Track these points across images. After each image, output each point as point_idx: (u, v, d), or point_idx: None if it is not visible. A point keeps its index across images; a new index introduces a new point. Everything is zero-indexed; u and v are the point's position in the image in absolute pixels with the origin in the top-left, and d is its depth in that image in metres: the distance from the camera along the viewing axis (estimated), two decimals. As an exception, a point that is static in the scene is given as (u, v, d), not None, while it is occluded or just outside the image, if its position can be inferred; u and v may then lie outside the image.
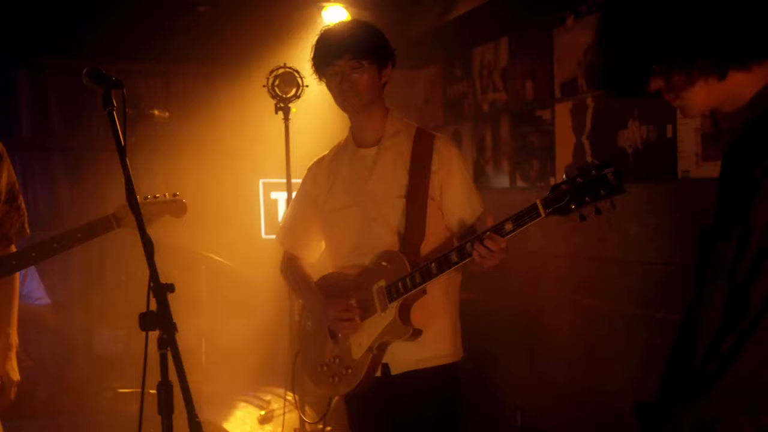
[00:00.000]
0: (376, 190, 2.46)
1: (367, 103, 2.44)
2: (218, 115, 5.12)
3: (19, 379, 2.49)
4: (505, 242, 2.14)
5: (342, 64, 2.38)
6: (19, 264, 2.37)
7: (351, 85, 2.39)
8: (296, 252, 2.72)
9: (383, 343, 2.39)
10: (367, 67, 2.39)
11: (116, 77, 1.95)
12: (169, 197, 2.61)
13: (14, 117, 4.83)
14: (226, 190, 5.03)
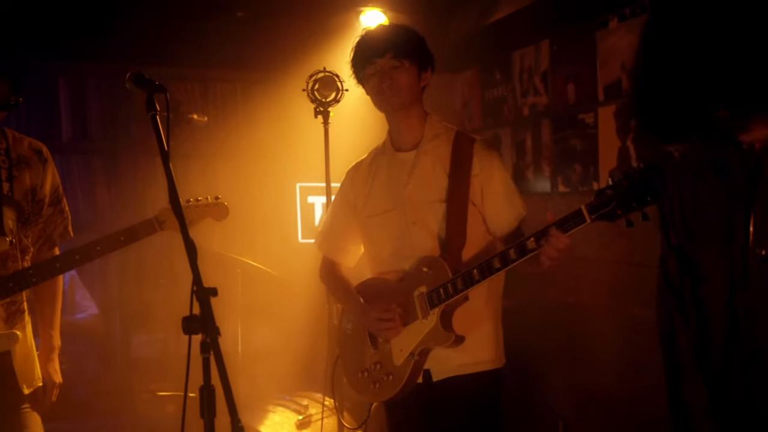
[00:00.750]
0: (415, 195, 2.43)
1: (406, 103, 2.42)
2: (255, 119, 5.13)
3: (61, 381, 2.51)
4: (567, 238, 2.06)
5: (383, 63, 2.37)
6: (63, 266, 2.38)
7: (391, 84, 2.37)
8: (335, 257, 2.70)
9: (425, 350, 2.36)
10: (408, 66, 2.38)
11: (159, 81, 1.94)
12: (211, 200, 2.61)
13: (55, 121, 4.90)
14: (262, 194, 5.04)
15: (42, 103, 4.86)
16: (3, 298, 2.29)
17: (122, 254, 4.75)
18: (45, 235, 2.49)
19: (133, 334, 4.86)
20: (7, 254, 2.33)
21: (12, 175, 2.35)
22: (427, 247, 2.39)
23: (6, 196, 2.32)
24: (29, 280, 2.32)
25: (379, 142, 2.64)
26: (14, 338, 2.32)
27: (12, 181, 2.34)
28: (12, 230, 2.32)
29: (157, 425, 4.09)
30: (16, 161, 2.38)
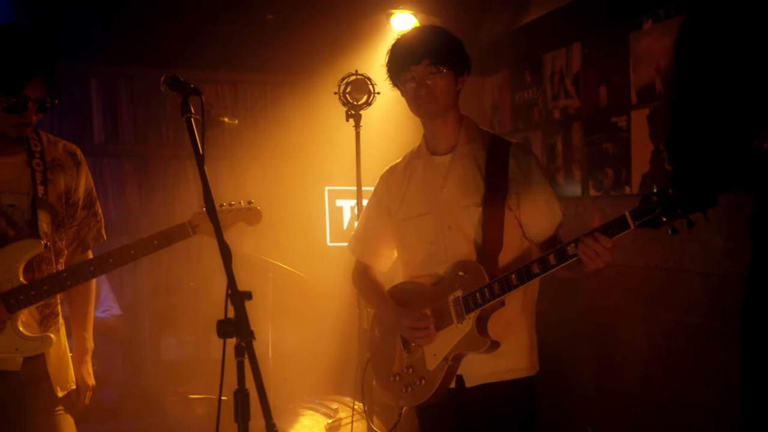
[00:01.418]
0: (450, 198, 2.41)
1: (443, 110, 2.40)
2: (284, 121, 5.15)
3: (94, 383, 2.52)
4: (612, 243, 2.04)
5: (419, 70, 2.34)
6: (97, 270, 2.39)
7: (428, 91, 2.35)
8: (368, 261, 2.69)
9: (459, 355, 2.33)
10: (445, 73, 2.35)
11: (194, 84, 1.94)
12: (245, 205, 2.60)
13: (87, 125, 4.94)
14: (291, 197, 5.05)
15: (74, 105, 4.91)
16: (37, 301, 2.30)
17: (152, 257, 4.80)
18: (78, 238, 2.51)
19: (163, 336, 4.88)
20: (41, 257, 2.34)
21: (47, 178, 2.37)
22: (462, 252, 2.36)
23: (41, 200, 2.33)
24: (63, 284, 2.33)
25: (410, 146, 2.62)
26: (48, 341, 2.33)
27: (47, 185, 2.36)
28: (47, 233, 2.34)
29: (186, 428, 4.10)
30: (50, 164, 2.40)
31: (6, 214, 2.29)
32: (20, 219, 2.30)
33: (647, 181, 3.71)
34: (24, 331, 2.29)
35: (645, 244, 3.63)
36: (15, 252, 2.28)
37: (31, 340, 2.30)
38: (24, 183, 2.33)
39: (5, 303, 2.24)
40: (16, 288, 2.26)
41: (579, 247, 2.08)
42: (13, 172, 2.33)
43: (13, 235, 2.28)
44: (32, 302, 2.28)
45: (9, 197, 2.30)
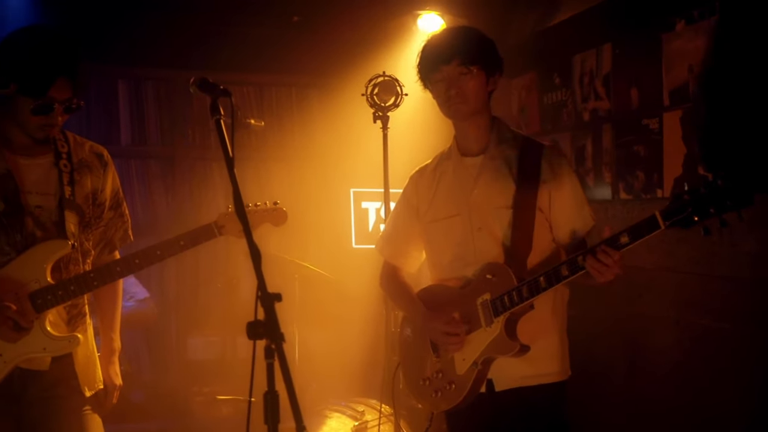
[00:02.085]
0: (480, 200, 2.38)
1: (474, 111, 2.37)
2: (310, 124, 5.15)
3: (121, 383, 2.53)
4: (619, 255, 2.04)
5: (450, 70, 2.32)
6: (123, 270, 2.39)
7: (458, 91, 2.32)
8: (396, 262, 2.67)
9: (488, 359, 2.31)
10: (476, 73, 2.32)
11: (224, 86, 1.93)
12: (270, 206, 2.60)
13: (114, 126, 4.99)
14: (316, 198, 5.05)
15: (102, 107, 4.96)
16: (65, 301, 2.30)
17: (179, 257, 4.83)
18: (105, 238, 2.52)
19: (189, 336, 4.90)
20: (69, 258, 2.35)
21: (73, 179, 2.38)
22: (491, 254, 2.34)
23: (68, 200, 2.34)
24: (90, 284, 2.34)
25: (438, 148, 2.60)
26: (75, 341, 2.34)
27: (73, 185, 2.37)
28: (74, 234, 2.34)
29: (212, 428, 4.11)
30: (77, 165, 2.40)
31: (33, 215, 2.30)
32: (47, 219, 2.31)
33: (680, 184, 3.65)
34: (52, 331, 2.30)
35: (675, 248, 3.57)
36: (42, 252, 2.29)
37: (59, 339, 2.31)
38: (51, 184, 2.34)
39: (33, 303, 2.26)
40: (44, 288, 2.27)
41: (587, 260, 2.06)
42: (41, 173, 2.34)
43: (41, 236, 2.29)
44: (59, 302, 2.29)
45: (36, 198, 2.31)
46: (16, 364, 2.26)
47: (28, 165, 2.33)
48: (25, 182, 2.31)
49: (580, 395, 2.91)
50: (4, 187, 2.27)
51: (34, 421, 2.30)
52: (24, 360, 2.26)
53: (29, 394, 2.29)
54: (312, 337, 4.11)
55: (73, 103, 2.28)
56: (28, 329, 2.24)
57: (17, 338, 2.23)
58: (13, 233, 2.27)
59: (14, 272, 2.26)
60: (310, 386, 3.92)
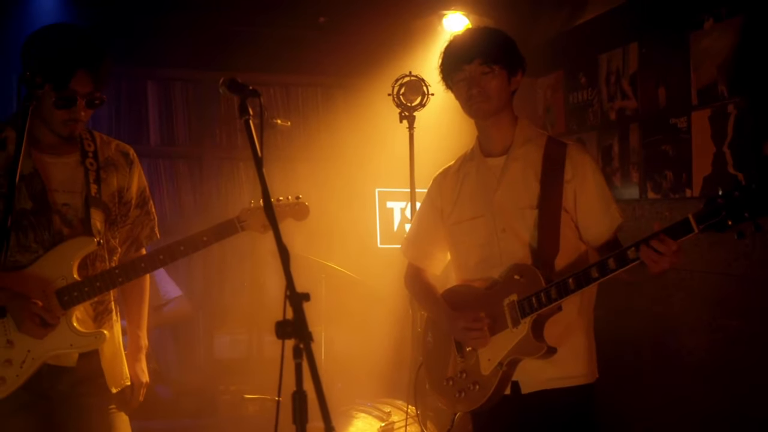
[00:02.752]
0: (504, 201, 2.37)
1: (496, 110, 2.37)
2: (335, 124, 5.17)
3: (148, 380, 2.55)
4: (677, 245, 1.99)
5: (471, 69, 2.32)
6: (148, 266, 2.41)
7: (480, 90, 2.32)
8: (420, 264, 2.66)
9: (514, 360, 2.29)
10: (498, 72, 2.32)
11: (253, 87, 1.94)
12: (292, 200, 2.59)
13: (143, 127, 5.03)
14: (341, 198, 5.06)
15: (131, 108, 5.01)
16: (91, 297, 2.33)
17: (206, 256, 4.92)
18: (132, 236, 2.54)
19: (216, 334, 4.94)
20: (95, 255, 2.37)
21: (100, 177, 2.40)
22: (517, 255, 2.33)
23: (94, 198, 2.36)
24: (116, 280, 2.36)
25: (464, 147, 2.59)
26: (102, 337, 2.35)
27: (100, 183, 2.39)
28: (100, 231, 2.36)
29: (239, 427, 4.14)
30: (104, 163, 2.43)
31: (61, 213, 2.33)
32: (74, 217, 2.34)
33: (709, 183, 3.61)
34: (78, 327, 2.32)
35: (708, 248, 3.53)
36: (69, 249, 2.31)
37: (85, 336, 2.33)
38: (78, 182, 2.36)
39: (59, 300, 2.28)
40: (70, 285, 2.29)
41: (642, 249, 2.02)
42: (67, 172, 2.37)
43: (68, 233, 2.32)
44: (86, 299, 2.31)
45: (63, 196, 2.34)
46: (44, 361, 2.28)
47: (55, 164, 2.36)
48: (52, 181, 2.34)
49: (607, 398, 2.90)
50: (32, 186, 2.30)
51: (62, 418, 2.33)
52: (52, 356, 2.29)
53: (57, 390, 2.32)
54: (338, 337, 4.13)
55: (95, 98, 2.30)
56: (55, 326, 2.26)
57: (44, 335, 2.25)
58: (41, 231, 2.30)
59: (41, 270, 2.29)
60: (335, 386, 3.93)
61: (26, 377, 2.26)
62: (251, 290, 4.66)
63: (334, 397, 3.89)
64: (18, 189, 2.23)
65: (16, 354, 2.25)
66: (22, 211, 2.28)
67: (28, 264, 2.29)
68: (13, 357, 2.25)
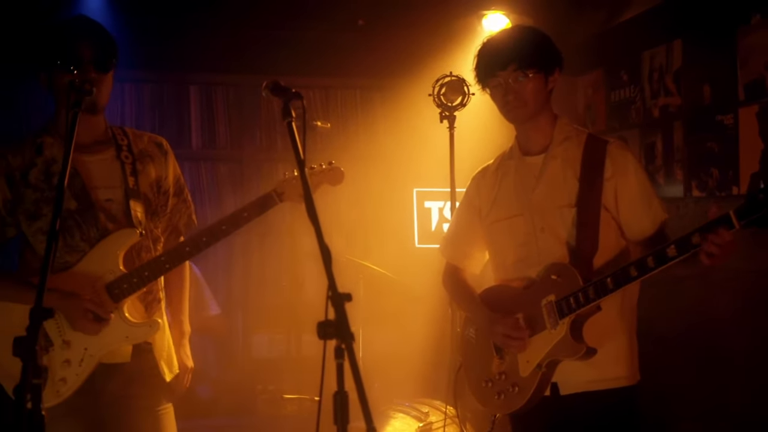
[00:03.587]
0: (543, 200, 2.34)
1: (533, 113, 2.33)
2: (373, 125, 5.19)
3: (193, 366, 2.56)
4: (730, 236, 1.93)
5: (506, 75, 2.28)
6: (192, 250, 2.39)
7: (516, 96, 2.29)
8: (459, 263, 2.64)
9: (553, 362, 2.26)
10: (533, 76, 2.28)
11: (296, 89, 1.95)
12: (326, 166, 2.57)
13: (185, 130, 5.11)
14: (379, 199, 5.07)
15: (174, 112, 5.10)
16: (140, 288, 2.34)
17: (245, 255, 4.97)
18: (171, 224, 2.56)
19: (255, 334, 4.99)
20: (140, 246, 2.40)
21: (136, 169, 2.42)
22: (555, 254, 2.29)
23: (132, 190, 2.39)
24: (162, 267, 2.37)
25: (503, 146, 2.57)
26: (156, 326, 2.37)
27: (137, 175, 2.42)
28: (141, 222, 2.39)
29: (277, 426, 4.17)
30: (138, 155, 2.46)
31: (105, 209, 2.36)
32: (118, 211, 2.37)
33: (757, 180, 3.55)
34: (131, 319, 2.34)
35: (755, 247, 3.45)
36: (113, 243, 2.34)
37: (139, 326, 2.35)
38: (116, 176, 2.39)
39: (110, 293, 2.31)
40: (119, 278, 2.32)
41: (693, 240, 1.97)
42: (105, 168, 2.40)
43: (113, 228, 2.35)
44: (135, 290, 2.33)
45: (105, 192, 2.37)
46: (101, 358, 2.30)
47: (92, 161, 2.39)
48: (92, 178, 2.37)
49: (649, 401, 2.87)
50: (73, 186, 2.33)
51: (111, 420, 2.36)
52: (107, 353, 2.31)
53: (108, 391, 2.34)
54: (375, 337, 4.12)
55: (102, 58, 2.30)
56: (108, 320, 2.28)
57: (98, 330, 2.27)
58: (87, 229, 2.33)
59: (88, 266, 2.32)
60: (373, 386, 3.94)
61: (86, 376, 2.29)
62: (290, 291, 4.69)
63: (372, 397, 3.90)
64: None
65: (73, 353, 2.28)
66: (67, 211, 2.31)
67: (76, 263, 2.32)
68: (71, 357, 2.28)
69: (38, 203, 2.34)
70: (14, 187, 2.34)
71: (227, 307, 4.91)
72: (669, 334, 3.85)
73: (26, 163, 2.36)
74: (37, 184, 2.34)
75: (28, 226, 2.35)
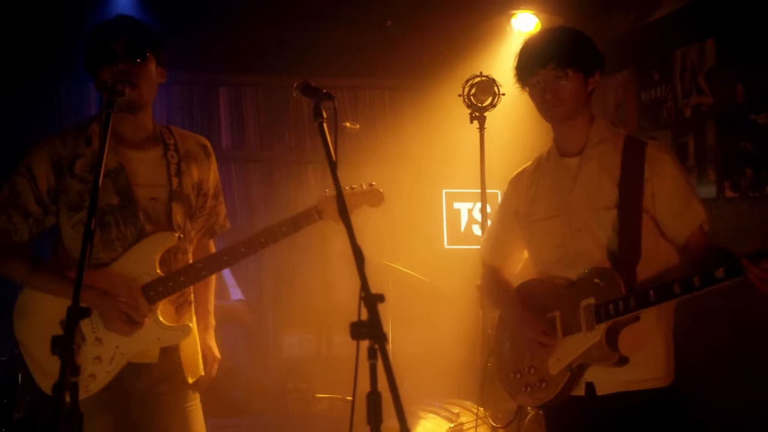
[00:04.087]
0: (579, 201, 2.33)
1: (571, 113, 2.33)
2: (402, 126, 5.19)
3: (219, 357, 2.57)
4: None
5: (545, 74, 2.28)
6: (230, 260, 2.41)
7: (554, 95, 2.28)
8: (498, 264, 2.63)
9: (583, 364, 2.25)
10: (572, 75, 2.27)
11: (327, 90, 1.96)
12: (366, 187, 2.57)
13: (214, 130, 5.16)
14: (408, 200, 5.08)
15: (203, 113, 5.15)
16: (175, 291, 2.36)
17: (275, 255, 5.00)
18: (207, 225, 2.57)
19: (286, 334, 5.01)
20: (177, 248, 2.41)
21: (180, 170, 2.43)
22: (593, 257, 2.28)
23: (175, 191, 2.40)
24: (199, 273, 2.38)
25: (533, 147, 2.58)
26: (187, 330, 2.40)
27: (181, 176, 2.42)
28: (180, 225, 2.40)
29: (309, 425, 4.19)
30: (184, 156, 2.46)
31: (145, 209, 2.36)
32: (159, 212, 2.38)
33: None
34: (164, 321, 2.36)
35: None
36: (151, 245, 2.35)
37: (172, 329, 2.37)
38: (161, 176, 2.40)
39: (145, 295, 2.32)
40: (155, 280, 2.33)
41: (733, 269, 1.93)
42: (152, 166, 2.41)
43: (150, 230, 2.36)
44: (170, 293, 2.35)
45: (149, 191, 2.38)
46: (130, 358, 2.32)
47: (140, 158, 2.39)
48: (137, 175, 2.37)
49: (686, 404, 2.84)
50: (117, 181, 2.34)
51: (140, 417, 2.37)
52: (136, 353, 2.33)
53: (137, 389, 2.36)
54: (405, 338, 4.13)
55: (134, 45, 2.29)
56: (142, 324, 2.30)
57: (132, 332, 2.29)
58: (124, 227, 2.34)
59: (125, 267, 2.33)
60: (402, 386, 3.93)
61: (115, 373, 2.31)
62: (320, 291, 4.72)
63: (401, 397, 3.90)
64: (104, 184, 2.24)
65: (105, 351, 2.30)
66: (108, 206, 2.32)
67: (110, 261, 2.33)
68: (102, 354, 2.30)
69: (82, 195, 2.33)
70: (61, 176, 2.34)
71: (258, 306, 4.94)
72: (707, 337, 3.80)
73: (75, 153, 2.36)
74: (82, 175, 2.34)
75: (68, 218, 2.35)
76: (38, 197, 2.35)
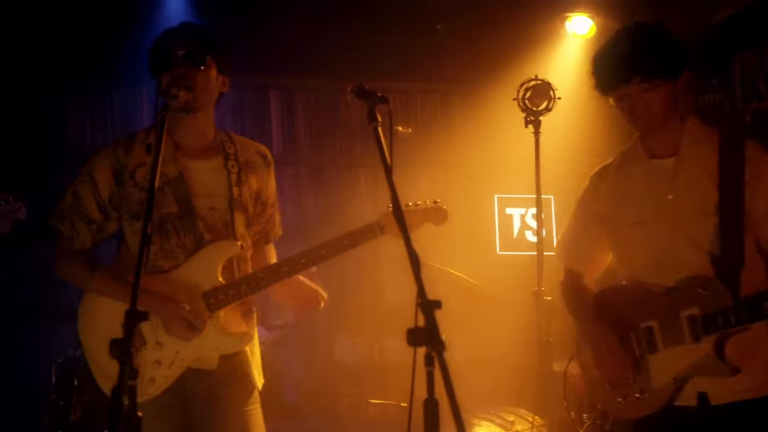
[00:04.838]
0: (679, 205, 2.19)
1: (664, 121, 2.19)
2: (453, 130, 5.17)
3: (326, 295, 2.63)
4: None
5: (630, 90, 2.14)
6: (291, 270, 2.41)
7: (645, 108, 2.15)
8: (581, 268, 2.49)
9: (689, 377, 2.12)
10: (660, 83, 2.13)
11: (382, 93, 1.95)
12: (430, 205, 2.52)
13: (265, 134, 5.21)
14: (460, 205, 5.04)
15: (255, 117, 5.20)
16: (236, 299, 2.37)
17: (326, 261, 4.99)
18: (263, 232, 2.58)
19: (337, 338, 5.02)
20: (239, 257, 2.43)
21: (240, 179, 2.44)
22: (693, 264, 2.14)
23: (236, 201, 2.41)
24: (260, 283, 2.39)
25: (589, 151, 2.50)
26: (248, 338, 2.41)
27: (240, 186, 2.43)
28: (242, 235, 2.42)
29: (361, 430, 4.18)
30: (244, 165, 2.47)
31: (204, 218, 2.38)
32: (219, 221, 2.39)
33: None
34: (225, 329, 2.37)
35: None
36: (214, 253, 2.37)
37: (232, 337, 2.39)
38: (221, 185, 2.41)
39: (206, 302, 2.34)
40: (216, 288, 2.34)
41: None
42: (212, 176, 2.42)
43: (209, 239, 2.37)
44: (231, 301, 2.36)
45: (208, 200, 2.39)
46: (189, 363, 2.34)
47: (200, 167, 2.41)
48: (197, 185, 2.39)
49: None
50: (177, 190, 2.36)
51: (201, 420, 2.38)
52: (196, 359, 2.35)
53: (197, 392, 2.37)
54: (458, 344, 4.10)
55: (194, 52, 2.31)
56: (202, 329, 2.32)
57: (192, 337, 2.31)
58: (184, 236, 2.35)
59: (188, 274, 2.35)
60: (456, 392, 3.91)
61: (174, 378, 2.33)
62: (371, 295, 4.71)
63: (457, 403, 3.83)
64: (164, 193, 2.31)
65: (165, 355, 2.33)
66: (168, 215, 2.35)
67: (169, 269, 2.35)
68: (162, 358, 2.33)
69: (143, 203, 2.30)
70: (122, 185, 2.38)
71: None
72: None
73: (136, 161, 2.39)
74: (143, 183, 2.36)
75: (129, 225, 2.38)
76: (100, 204, 2.39)
